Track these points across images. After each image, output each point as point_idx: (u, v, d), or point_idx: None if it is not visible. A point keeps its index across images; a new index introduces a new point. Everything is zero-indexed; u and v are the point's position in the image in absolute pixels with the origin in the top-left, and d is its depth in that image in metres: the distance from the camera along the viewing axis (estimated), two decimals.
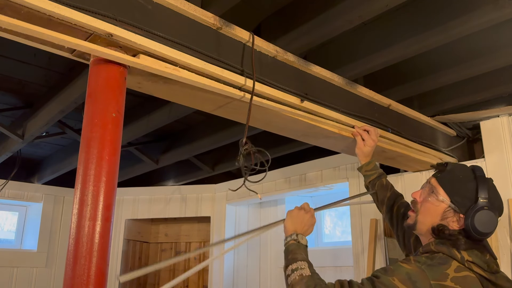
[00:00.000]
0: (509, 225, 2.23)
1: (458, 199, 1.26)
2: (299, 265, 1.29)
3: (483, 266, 1.19)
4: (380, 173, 1.86)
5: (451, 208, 1.27)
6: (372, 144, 1.85)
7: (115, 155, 1.21)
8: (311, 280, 1.24)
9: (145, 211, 4.13)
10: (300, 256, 1.34)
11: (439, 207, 1.29)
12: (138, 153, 3.48)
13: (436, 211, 1.29)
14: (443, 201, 1.28)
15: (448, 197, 1.28)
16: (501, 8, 1.58)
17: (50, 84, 2.56)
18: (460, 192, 1.27)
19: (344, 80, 1.97)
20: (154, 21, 1.32)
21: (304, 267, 1.29)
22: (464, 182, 1.28)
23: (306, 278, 1.25)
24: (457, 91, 2.39)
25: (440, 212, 1.29)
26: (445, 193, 1.29)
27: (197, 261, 4.33)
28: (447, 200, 1.28)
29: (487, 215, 1.22)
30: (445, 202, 1.28)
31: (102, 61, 1.25)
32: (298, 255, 1.34)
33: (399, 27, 1.87)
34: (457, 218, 1.26)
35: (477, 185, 1.25)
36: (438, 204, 1.29)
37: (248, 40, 1.58)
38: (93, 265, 1.09)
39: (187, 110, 2.44)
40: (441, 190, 1.29)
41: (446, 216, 1.28)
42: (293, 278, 1.26)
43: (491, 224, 1.22)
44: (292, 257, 1.34)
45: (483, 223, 1.21)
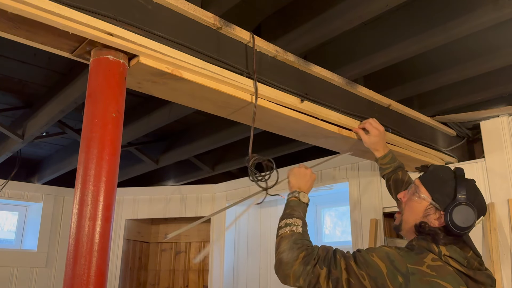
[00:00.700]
0: (509, 225, 2.23)
1: (438, 197, 1.31)
2: (294, 222, 1.38)
3: (461, 261, 1.23)
4: (396, 166, 1.82)
5: (432, 205, 1.32)
6: (376, 132, 1.82)
7: (115, 155, 1.21)
8: (299, 238, 1.32)
9: (145, 211, 4.13)
10: (297, 214, 1.42)
11: (421, 204, 1.34)
12: (138, 153, 3.49)
13: (418, 208, 1.34)
14: (424, 199, 1.33)
15: (429, 194, 1.33)
16: (501, 8, 1.58)
17: (50, 84, 2.56)
18: (440, 190, 1.32)
19: (344, 80, 1.97)
20: (154, 21, 1.32)
21: (297, 224, 1.37)
22: (444, 181, 1.34)
23: (296, 235, 1.33)
24: (457, 91, 2.39)
25: (422, 209, 1.34)
26: (427, 191, 1.34)
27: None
28: (428, 198, 1.33)
29: (465, 210, 1.26)
30: (426, 200, 1.33)
31: (102, 61, 1.25)
32: (295, 212, 1.43)
33: (399, 27, 1.87)
34: (438, 216, 1.31)
35: (456, 183, 1.31)
36: (420, 202, 1.35)
37: (248, 40, 1.58)
38: (93, 265, 1.09)
39: (187, 110, 2.44)
40: (423, 189, 1.35)
41: (427, 213, 1.32)
42: (284, 232, 1.35)
43: (468, 219, 1.26)
44: (289, 212, 1.43)
45: (460, 218, 1.26)
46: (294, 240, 1.31)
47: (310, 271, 1.23)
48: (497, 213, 2.28)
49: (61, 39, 1.21)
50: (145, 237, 4.39)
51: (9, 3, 1.03)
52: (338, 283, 1.20)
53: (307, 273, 1.23)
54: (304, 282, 1.23)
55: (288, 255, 1.28)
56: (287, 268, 1.26)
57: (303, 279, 1.23)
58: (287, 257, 1.28)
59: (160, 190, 4.18)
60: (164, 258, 4.38)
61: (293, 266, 1.25)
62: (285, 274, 1.27)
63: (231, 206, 1.57)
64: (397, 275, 1.17)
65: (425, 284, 1.16)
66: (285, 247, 1.31)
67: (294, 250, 1.28)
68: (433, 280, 1.17)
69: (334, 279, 1.21)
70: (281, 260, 1.29)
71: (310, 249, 1.29)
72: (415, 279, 1.16)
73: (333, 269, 1.22)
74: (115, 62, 1.25)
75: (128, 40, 1.24)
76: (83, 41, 1.22)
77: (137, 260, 4.25)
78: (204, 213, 4.04)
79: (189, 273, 4.30)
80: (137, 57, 1.28)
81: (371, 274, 1.18)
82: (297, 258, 1.26)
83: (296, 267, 1.25)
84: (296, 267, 1.25)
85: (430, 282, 1.16)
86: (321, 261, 1.25)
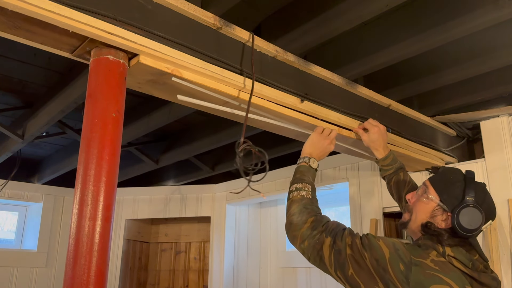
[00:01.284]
0: (509, 225, 2.23)
1: (446, 198, 1.31)
2: (304, 187, 1.45)
3: (466, 263, 1.23)
4: (397, 167, 1.82)
5: (440, 206, 1.32)
6: (376, 129, 1.81)
7: (115, 155, 1.21)
8: (309, 203, 1.41)
9: (145, 211, 4.13)
10: (307, 179, 1.49)
11: (428, 205, 1.34)
12: (138, 153, 3.49)
13: (426, 209, 1.34)
14: (432, 200, 1.34)
15: (437, 195, 1.33)
16: (501, 8, 1.58)
17: (50, 84, 2.56)
18: (448, 191, 1.32)
19: (344, 80, 1.97)
20: (154, 21, 1.32)
21: (307, 189, 1.45)
22: (453, 183, 1.34)
23: (305, 199, 1.42)
24: (457, 91, 2.39)
25: (429, 210, 1.34)
26: (435, 192, 1.34)
27: (197, 261, 4.33)
28: (436, 199, 1.33)
29: (472, 212, 1.26)
30: (434, 201, 1.33)
31: (102, 61, 1.25)
32: (305, 177, 1.49)
33: (399, 27, 1.87)
34: (445, 217, 1.30)
35: (465, 185, 1.31)
36: (428, 202, 1.35)
37: (248, 40, 1.58)
38: (93, 265, 1.09)
39: (187, 110, 2.44)
40: (432, 189, 1.35)
41: (435, 214, 1.32)
42: (294, 195, 1.43)
43: (475, 221, 1.26)
44: (299, 177, 1.50)
45: (467, 220, 1.25)
46: (304, 204, 1.40)
47: (316, 236, 1.30)
48: (497, 213, 2.28)
49: (61, 39, 1.21)
50: (145, 237, 4.39)
51: (10, 0, 1.03)
52: (341, 255, 1.24)
53: (313, 237, 1.31)
54: (308, 245, 1.31)
55: (298, 218, 1.37)
56: (296, 230, 1.35)
57: (308, 242, 1.31)
58: (296, 219, 1.36)
59: (160, 190, 4.17)
60: (164, 258, 4.38)
61: (301, 229, 1.34)
62: (294, 235, 1.35)
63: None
64: (399, 263, 1.18)
65: (427, 277, 1.16)
66: (295, 210, 1.39)
67: (303, 214, 1.37)
68: (435, 274, 1.17)
69: (337, 250, 1.25)
70: (291, 222, 1.37)
71: (319, 216, 1.37)
72: (417, 270, 1.17)
73: (338, 241, 1.26)
74: (115, 62, 1.25)
75: (128, 40, 1.24)
76: (83, 41, 1.22)
77: (137, 260, 4.25)
78: (204, 213, 4.04)
79: (189, 273, 4.30)
80: (137, 57, 1.28)
81: (374, 255, 1.20)
82: (306, 222, 1.34)
83: (304, 230, 1.33)
84: (304, 230, 1.33)
85: (432, 275, 1.17)
86: (329, 231, 1.30)
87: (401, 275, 1.16)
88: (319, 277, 3.36)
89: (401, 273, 1.16)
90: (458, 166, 2.52)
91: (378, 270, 1.18)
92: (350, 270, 1.21)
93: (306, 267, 3.50)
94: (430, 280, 1.16)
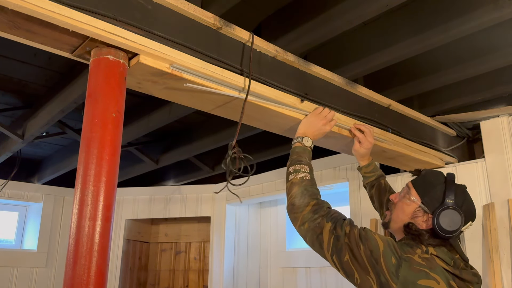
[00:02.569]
0: (509, 225, 2.23)
1: (427, 200, 1.37)
2: (302, 168, 1.48)
3: (448, 261, 1.29)
4: (379, 175, 1.88)
5: (421, 208, 1.37)
6: (369, 146, 1.84)
7: (115, 155, 1.21)
8: (309, 185, 1.44)
9: (145, 211, 4.13)
10: (305, 160, 1.51)
11: (410, 206, 1.40)
12: (138, 153, 3.49)
13: (407, 210, 1.40)
14: (414, 201, 1.39)
15: (419, 197, 1.39)
16: (501, 8, 1.58)
17: (50, 84, 2.56)
18: (429, 194, 1.37)
19: (344, 80, 1.97)
20: (154, 21, 1.32)
21: (306, 171, 1.48)
22: (434, 185, 1.39)
23: (305, 181, 1.45)
24: (457, 91, 2.39)
25: (410, 211, 1.39)
26: (417, 194, 1.40)
27: (197, 261, 4.33)
28: (417, 200, 1.38)
29: (452, 214, 1.31)
30: (415, 202, 1.39)
31: (102, 61, 1.25)
32: (303, 158, 1.52)
33: (399, 27, 1.87)
34: (426, 218, 1.36)
35: (445, 187, 1.36)
36: (409, 203, 1.40)
37: (248, 40, 1.58)
38: (93, 265, 1.09)
39: (187, 110, 2.44)
40: (414, 191, 1.41)
41: (416, 215, 1.38)
42: (294, 177, 1.46)
43: (455, 222, 1.31)
44: (296, 158, 1.52)
45: (447, 221, 1.31)
46: (305, 186, 1.43)
47: (317, 220, 1.34)
48: (497, 213, 2.28)
49: (61, 39, 1.21)
50: (145, 237, 4.39)
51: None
52: (339, 241, 1.28)
53: (313, 220, 1.35)
54: (308, 227, 1.35)
55: (300, 200, 1.40)
56: (298, 212, 1.39)
57: (308, 225, 1.36)
58: (298, 202, 1.40)
59: (160, 190, 4.17)
60: (164, 258, 4.39)
61: (303, 211, 1.38)
62: (295, 217, 1.40)
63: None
64: (391, 256, 1.23)
65: (415, 272, 1.22)
66: (296, 192, 1.42)
67: (305, 197, 1.40)
68: (422, 269, 1.23)
69: (336, 236, 1.29)
70: (293, 204, 1.41)
71: (320, 200, 1.41)
72: (406, 265, 1.23)
73: (338, 228, 1.31)
74: (115, 62, 1.25)
75: (128, 39, 1.24)
76: (83, 41, 1.22)
77: (137, 260, 4.25)
78: (204, 213, 4.04)
79: (189, 273, 4.30)
80: (137, 56, 1.28)
81: (368, 246, 1.25)
82: (308, 205, 1.39)
83: (305, 213, 1.37)
84: (305, 212, 1.37)
85: (419, 270, 1.22)
86: (330, 217, 1.35)
87: (392, 268, 1.21)
88: (319, 277, 3.36)
89: (393, 266, 1.21)
90: (458, 166, 2.52)
91: (371, 260, 1.23)
92: (346, 256, 1.26)
93: (306, 267, 3.50)
94: (418, 275, 1.21)
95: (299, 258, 3.58)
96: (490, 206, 2.30)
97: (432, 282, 1.21)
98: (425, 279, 1.21)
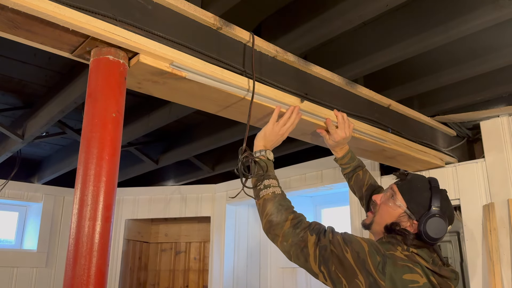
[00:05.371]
0: (509, 225, 2.23)
1: (413, 206, 1.38)
2: (272, 183, 1.44)
3: (427, 259, 1.32)
4: (355, 166, 1.81)
5: (406, 213, 1.39)
6: (338, 138, 1.75)
7: (115, 155, 1.21)
8: (282, 199, 1.41)
9: (145, 211, 4.13)
10: (272, 174, 1.47)
11: (395, 211, 1.41)
12: (138, 153, 3.49)
13: (392, 214, 1.41)
14: (400, 206, 1.40)
15: (405, 203, 1.40)
16: (501, 8, 1.58)
17: (50, 84, 2.56)
18: (416, 200, 1.39)
19: (344, 80, 1.97)
20: (154, 21, 1.32)
21: (275, 185, 1.44)
22: (420, 191, 1.40)
23: (278, 196, 1.41)
24: (457, 91, 2.39)
25: (395, 215, 1.40)
26: (403, 199, 1.40)
27: (197, 261, 4.33)
28: (403, 206, 1.39)
29: (438, 222, 1.34)
30: (401, 208, 1.40)
31: (102, 61, 1.25)
32: (269, 172, 1.47)
33: (399, 27, 1.87)
34: (410, 223, 1.38)
35: (431, 195, 1.38)
36: (395, 208, 1.41)
37: (248, 40, 1.58)
38: (93, 265, 1.09)
39: (187, 110, 2.44)
40: (400, 196, 1.41)
41: (400, 220, 1.39)
42: (266, 193, 1.42)
43: (441, 230, 1.34)
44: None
45: (434, 229, 1.34)
46: (279, 201, 1.39)
47: (300, 234, 1.32)
48: (497, 213, 2.28)
49: (61, 39, 1.21)
50: (145, 237, 4.39)
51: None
52: (326, 251, 1.27)
53: (296, 235, 1.32)
54: (292, 242, 1.32)
55: (277, 217, 1.36)
56: (278, 229, 1.35)
57: (291, 240, 1.32)
58: (276, 219, 1.36)
59: (160, 190, 4.17)
60: (164, 258, 4.39)
61: (283, 227, 1.34)
62: (275, 234, 1.36)
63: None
64: (375, 254, 1.25)
65: (399, 267, 1.25)
66: (272, 209, 1.38)
67: (282, 212, 1.37)
68: (406, 264, 1.26)
69: (322, 246, 1.28)
70: (271, 222, 1.37)
71: (296, 213, 1.38)
72: (390, 262, 1.25)
73: (322, 238, 1.30)
74: (115, 62, 1.25)
75: (128, 39, 1.23)
76: (83, 41, 1.22)
77: (137, 260, 4.25)
78: (204, 213, 4.04)
79: (189, 273, 4.30)
80: (137, 56, 1.28)
81: (354, 248, 1.26)
82: (286, 220, 1.35)
83: (286, 229, 1.34)
84: (286, 228, 1.34)
85: (403, 265, 1.25)
86: (312, 230, 1.32)
87: (379, 266, 1.23)
88: None
89: (379, 264, 1.23)
90: (458, 166, 2.52)
91: (358, 261, 1.24)
92: (333, 266, 1.26)
93: None
94: (402, 270, 1.24)
95: None
96: (490, 206, 2.30)
97: (416, 276, 1.25)
98: (409, 273, 1.25)
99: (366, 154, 2.24)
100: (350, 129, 1.77)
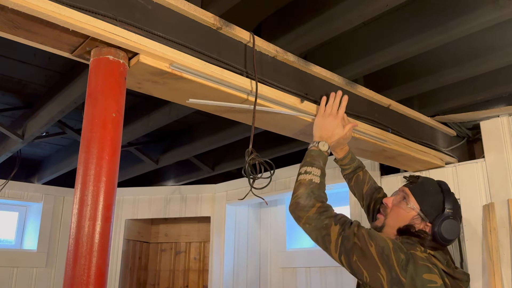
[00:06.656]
0: (509, 225, 2.23)
1: (427, 209, 1.41)
2: (313, 171, 1.47)
3: (442, 261, 1.36)
4: (355, 167, 1.84)
5: (420, 216, 1.41)
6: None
7: (115, 155, 1.21)
8: (316, 188, 1.43)
9: (145, 211, 4.13)
10: (318, 164, 1.50)
11: (409, 213, 1.43)
12: (138, 153, 3.48)
13: (406, 216, 1.43)
14: (413, 209, 1.42)
15: (418, 205, 1.42)
16: (501, 8, 1.58)
17: (50, 84, 2.56)
18: (429, 203, 1.42)
19: (344, 80, 1.97)
20: (154, 21, 1.32)
21: (317, 174, 1.47)
22: (432, 194, 1.43)
23: (314, 184, 1.44)
24: (457, 91, 2.39)
25: (408, 218, 1.42)
26: (416, 202, 1.43)
27: (197, 261, 4.33)
28: (417, 208, 1.42)
29: (452, 224, 1.38)
30: (415, 210, 1.42)
31: (102, 61, 1.25)
32: (316, 161, 1.50)
33: (399, 27, 1.87)
34: (423, 226, 1.41)
35: (443, 197, 1.42)
36: (408, 211, 1.43)
37: (248, 40, 1.58)
38: (93, 265, 1.09)
39: (187, 110, 2.44)
40: (413, 199, 1.44)
41: (414, 222, 1.42)
42: (303, 178, 1.46)
43: (455, 231, 1.38)
44: (309, 161, 1.51)
45: (448, 231, 1.37)
46: (312, 188, 1.43)
47: (325, 222, 1.35)
48: (497, 213, 2.28)
49: (61, 39, 1.21)
50: (145, 237, 4.39)
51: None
52: (349, 242, 1.30)
53: (321, 221, 1.36)
54: (314, 227, 1.36)
55: (305, 201, 1.40)
56: (303, 212, 1.39)
57: (314, 225, 1.37)
58: (303, 202, 1.40)
59: (160, 190, 4.17)
60: (164, 258, 4.39)
61: (308, 212, 1.38)
62: (299, 216, 1.40)
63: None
64: (399, 252, 1.28)
65: (419, 266, 1.27)
66: (302, 192, 1.42)
67: (311, 198, 1.40)
68: (425, 264, 1.29)
69: (345, 237, 1.31)
70: (298, 203, 1.41)
71: (325, 203, 1.42)
72: (412, 261, 1.28)
73: (347, 229, 1.33)
74: (115, 62, 1.25)
75: (128, 39, 1.24)
76: (83, 41, 1.22)
77: (137, 260, 4.25)
78: (204, 213, 4.04)
79: (189, 273, 4.30)
80: (137, 56, 1.28)
81: (379, 243, 1.29)
82: (313, 206, 1.39)
83: (311, 214, 1.38)
84: (310, 214, 1.38)
85: (423, 265, 1.28)
86: (337, 220, 1.36)
87: (402, 263, 1.25)
88: (319, 277, 3.36)
89: (402, 261, 1.26)
90: (458, 166, 2.52)
91: (382, 257, 1.26)
92: (355, 257, 1.28)
93: (306, 267, 3.50)
94: (422, 269, 1.27)
95: (299, 258, 3.58)
96: (490, 206, 2.30)
97: (435, 276, 1.27)
98: (428, 273, 1.27)
99: (366, 154, 2.23)
100: (345, 131, 1.69)
